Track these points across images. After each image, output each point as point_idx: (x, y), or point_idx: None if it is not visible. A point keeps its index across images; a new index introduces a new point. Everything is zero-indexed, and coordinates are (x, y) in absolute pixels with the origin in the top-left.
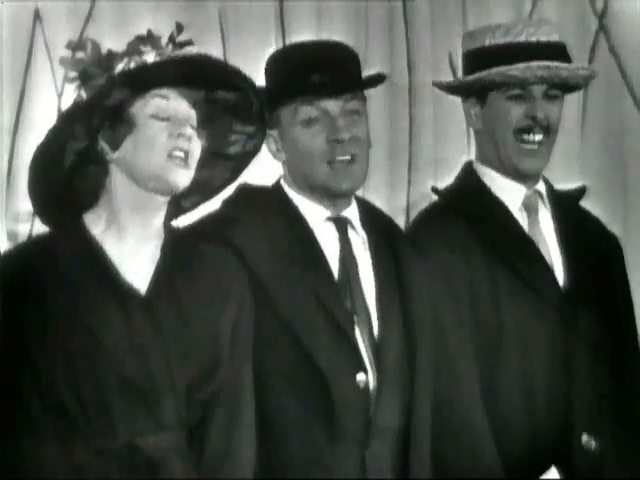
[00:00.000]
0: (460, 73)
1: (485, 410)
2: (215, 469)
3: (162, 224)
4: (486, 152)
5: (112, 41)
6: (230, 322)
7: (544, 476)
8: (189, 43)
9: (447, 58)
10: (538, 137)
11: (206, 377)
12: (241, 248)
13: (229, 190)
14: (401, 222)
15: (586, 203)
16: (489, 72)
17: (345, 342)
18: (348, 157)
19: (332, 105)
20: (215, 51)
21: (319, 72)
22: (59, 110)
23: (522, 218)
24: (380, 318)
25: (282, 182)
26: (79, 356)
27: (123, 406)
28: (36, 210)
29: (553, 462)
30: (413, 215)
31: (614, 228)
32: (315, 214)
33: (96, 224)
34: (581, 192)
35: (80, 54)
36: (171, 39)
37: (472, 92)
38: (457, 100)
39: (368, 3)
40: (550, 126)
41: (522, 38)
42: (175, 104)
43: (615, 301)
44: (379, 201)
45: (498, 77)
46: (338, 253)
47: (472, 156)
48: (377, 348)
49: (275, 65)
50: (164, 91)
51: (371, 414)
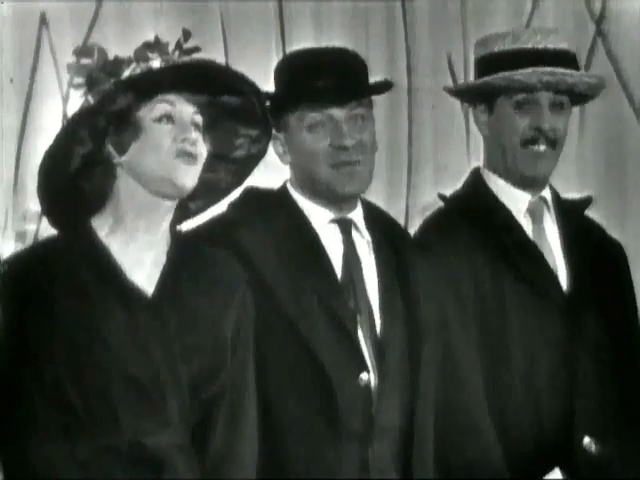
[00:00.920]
0: (461, 76)
1: (489, 410)
2: (218, 467)
3: (168, 228)
4: (493, 158)
5: (117, 45)
6: (232, 323)
7: (547, 476)
8: (196, 50)
9: (446, 61)
10: (543, 147)
11: (209, 377)
12: (247, 249)
13: (235, 193)
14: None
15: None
16: (495, 76)
17: (348, 341)
18: (354, 162)
19: (337, 111)
20: (217, 55)
21: (325, 79)
22: (65, 114)
23: (527, 224)
24: (383, 318)
25: (288, 185)
26: (85, 356)
27: (128, 404)
28: (44, 212)
29: (555, 463)
30: (412, 218)
31: (612, 233)
32: (319, 216)
33: (103, 227)
34: (587, 202)
35: (86, 60)
36: (178, 46)
37: (480, 98)
38: (456, 103)
39: (368, 7)
40: (557, 139)
41: (530, 45)
42: (180, 109)
43: (618, 305)
44: (378, 203)
45: (503, 81)
46: (342, 254)
47: (471, 159)
48: (380, 347)
49: (283, 71)
50: (169, 96)
51: (373, 413)
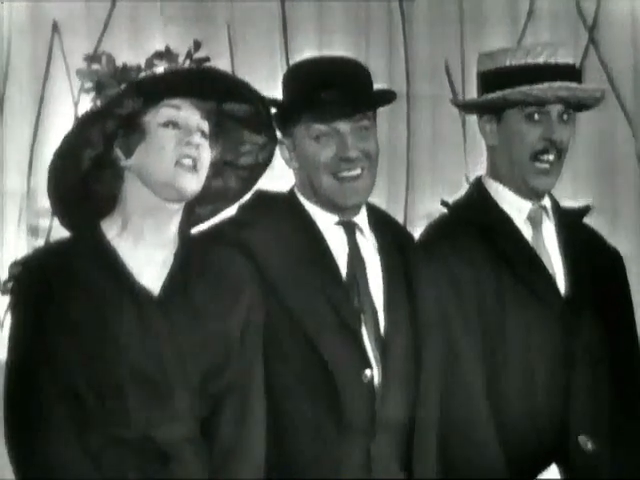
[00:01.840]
0: (458, 83)
1: (489, 409)
2: (227, 461)
3: (177, 230)
4: (498, 167)
5: (127, 52)
6: (240, 321)
7: (544, 474)
8: (206, 60)
9: (444, 69)
10: (552, 157)
11: (217, 372)
12: (254, 250)
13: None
14: None
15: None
16: (512, 91)
17: (352, 339)
18: (357, 172)
19: (343, 124)
20: (223, 62)
21: (331, 92)
22: (76, 117)
23: (527, 230)
24: (387, 317)
25: (295, 189)
26: (96, 352)
27: (138, 399)
28: (55, 211)
29: (552, 460)
30: (411, 221)
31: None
32: (325, 218)
33: (112, 229)
34: (585, 210)
35: (96, 66)
36: (189, 55)
37: (488, 109)
38: (454, 110)
39: (368, 16)
40: (563, 149)
41: (542, 59)
42: (186, 114)
43: (615, 310)
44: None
45: (520, 95)
46: (346, 255)
47: (468, 164)
48: (383, 345)
49: (290, 81)
50: (176, 101)
51: (377, 409)
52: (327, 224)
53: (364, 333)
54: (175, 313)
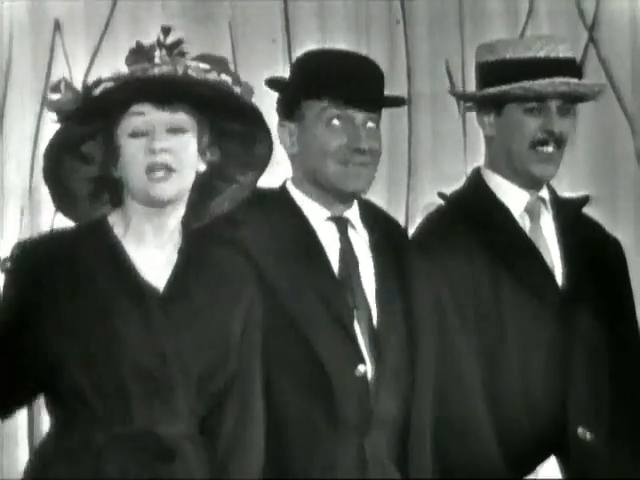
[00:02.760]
0: (459, 81)
1: (485, 403)
2: (228, 458)
3: (177, 228)
4: (496, 159)
5: (128, 49)
6: (240, 319)
7: (543, 466)
8: (179, 43)
9: (444, 68)
10: (551, 148)
11: (217, 369)
12: (249, 248)
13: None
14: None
15: None
16: (512, 86)
17: (345, 335)
18: (363, 163)
19: (358, 115)
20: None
21: (353, 81)
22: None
23: (525, 222)
24: (380, 312)
25: (287, 183)
26: (98, 348)
27: (140, 396)
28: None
29: (551, 452)
30: (412, 217)
31: None
32: (317, 214)
33: (119, 225)
34: (584, 200)
35: (56, 95)
36: (159, 44)
37: (488, 102)
38: (454, 107)
39: (369, 14)
40: (563, 140)
41: (543, 54)
42: (151, 118)
43: (615, 301)
44: (380, 204)
45: (521, 91)
46: (339, 251)
47: (468, 161)
48: (377, 340)
49: (309, 63)
50: (138, 107)
51: (371, 404)
52: (319, 220)
53: (357, 329)
54: (177, 311)
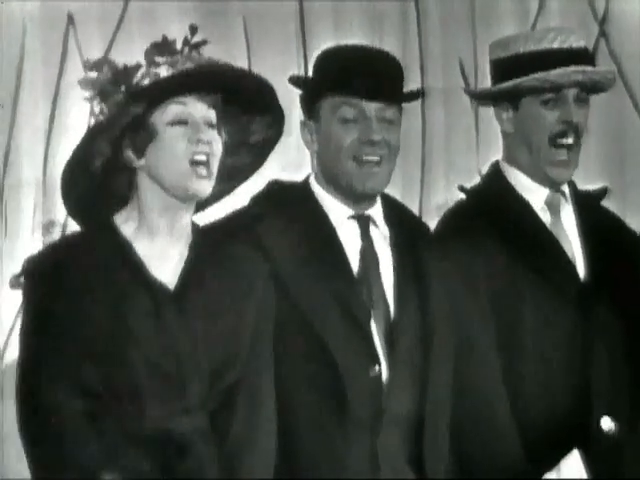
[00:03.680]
0: (471, 76)
1: (507, 397)
2: (238, 453)
3: (190, 223)
4: (516, 154)
5: (142, 45)
6: (252, 315)
7: (566, 459)
8: (203, 43)
9: (457, 62)
10: (570, 140)
11: (228, 364)
12: (266, 243)
13: (259, 186)
14: None
15: None
16: (528, 78)
17: (360, 335)
18: (376, 158)
19: (370, 108)
20: (239, 56)
21: (366, 74)
22: (91, 111)
23: (545, 216)
24: (397, 312)
25: (311, 179)
26: (111, 346)
27: (153, 392)
28: (69, 214)
29: (574, 444)
30: (425, 213)
31: None
32: (338, 212)
33: (127, 224)
34: (602, 192)
35: (97, 73)
36: (185, 42)
37: (504, 97)
38: (467, 103)
39: (383, 11)
40: (580, 130)
41: (556, 44)
42: (192, 109)
43: (635, 292)
44: None
45: (537, 82)
46: (359, 250)
47: (480, 156)
48: (393, 340)
49: (325, 60)
50: (180, 97)
51: (384, 404)
52: (341, 218)
53: (373, 328)
54: (190, 307)
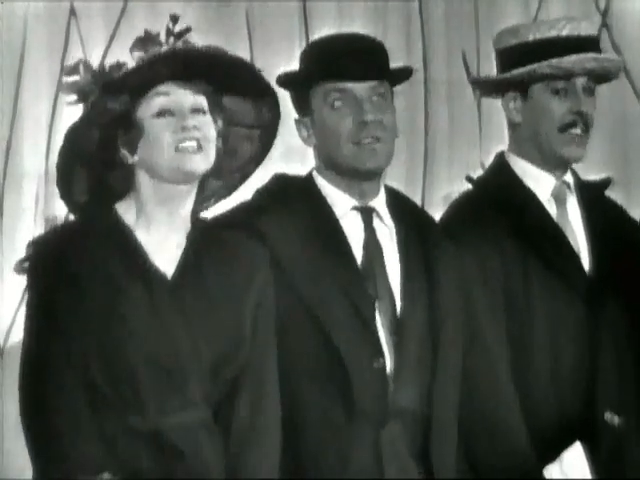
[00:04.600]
0: (474, 67)
1: (515, 392)
2: (242, 446)
3: (189, 213)
4: (523, 144)
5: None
6: (253, 305)
7: (568, 451)
8: (187, 31)
9: (461, 55)
10: (579, 130)
11: (230, 356)
12: (268, 236)
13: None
14: None
15: None
16: (540, 64)
17: (364, 327)
18: (373, 139)
19: (359, 89)
20: (242, 46)
21: (348, 56)
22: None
23: (551, 207)
24: (403, 304)
25: (314, 172)
26: (110, 337)
27: (151, 384)
28: (70, 211)
29: (577, 437)
30: (429, 205)
31: None
32: (342, 203)
33: (128, 213)
34: (606, 183)
35: (75, 77)
36: (169, 32)
37: (512, 86)
38: (470, 94)
39: (386, 3)
40: (590, 120)
41: (566, 32)
42: (176, 97)
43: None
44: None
45: (549, 69)
46: (363, 241)
47: (483, 147)
48: (398, 332)
49: (309, 51)
50: (163, 87)
51: (389, 397)
52: (344, 209)
53: (378, 320)
54: (188, 296)
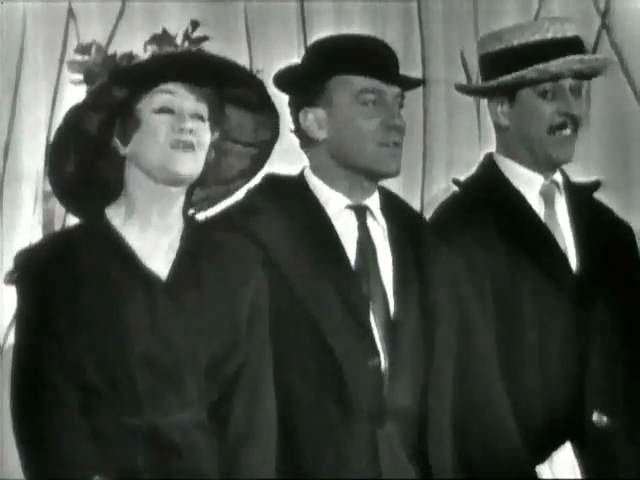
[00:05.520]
0: (474, 68)
1: (506, 390)
2: (238, 446)
3: (181, 214)
4: (512, 146)
5: (143, 36)
6: (247, 304)
7: (558, 451)
8: (204, 39)
9: (459, 54)
10: (569, 131)
11: (225, 356)
12: (262, 237)
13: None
14: None
15: None
16: (528, 70)
17: (359, 327)
18: (396, 143)
19: (391, 92)
20: (240, 48)
21: (380, 57)
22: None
23: (539, 207)
24: (397, 303)
25: (306, 171)
26: (106, 339)
27: (147, 384)
28: (60, 202)
29: (566, 437)
30: (427, 204)
31: None
32: (335, 202)
33: (118, 216)
34: (596, 185)
35: (85, 57)
36: (186, 36)
37: (499, 91)
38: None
39: (385, 2)
40: (579, 120)
41: (550, 35)
42: (181, 99)
43: (628, 285)
44: (395, 190)
45: (537, 74)
46: (356, 240)
47: (482, 147)
48: (392, 331)
49: (329, 43)
50: (170, 86)
51: (384, 396)
52: (338, 208)
53: (372, 320)
54: (183, 297)
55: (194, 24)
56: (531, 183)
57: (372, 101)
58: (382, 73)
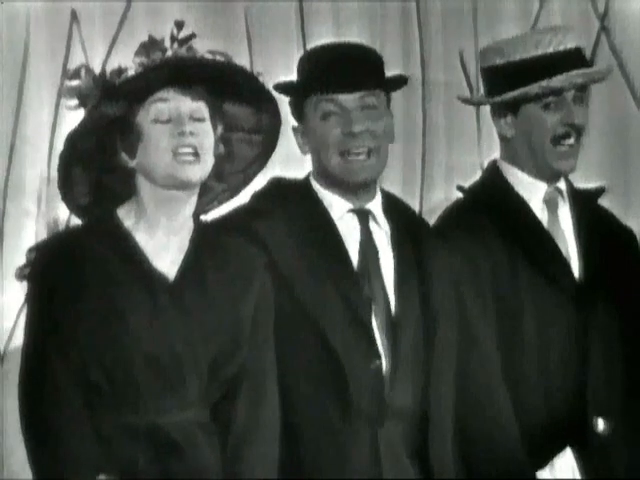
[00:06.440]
0: (472, 70)
1: (507, 392)
2: (241, 445)
3: (190, 216)
4: (516, 155)
5: (145, 39)
6: (251, 306)
7: (559, 457)
8: (191, 37)
9: (458, 57)
10: (572, 140)
11: (228, 356)
12: (267, 240)
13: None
14: None
15: None
16: (531, 87)
17: (361, 329)
18: (363, 150)
19: (348, 100)
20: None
21: (338, 68)
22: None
23: (543, 214)
24: (398, 305)
25: (310, 176)
26: (110, 338)
27: (149, 384)
28: (72, 212)
29: (567, 443)
30: (427, 210)
31: None
32: (338, 206)
33: (128, 217)
34: (599, 191)
35: (76, 82)
36: (172, 38)
37: (502, 105)
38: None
39: (384, 4)
40: (582, 130)
41: (551, 49)
42: (175, 104)
43: (630, 290)
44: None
45: (540, 90)
46: (359, 243)
47: (482, 151)
48: (394, 333)
49: (303, 63)
50: (163, 93)
51: (385, 397)
52: (341, 212)
53: (374, 322)
54: (188, 298)
55: (178, 25)
56: (535, 190)
57: (329, 112)
58: (335, 85)
